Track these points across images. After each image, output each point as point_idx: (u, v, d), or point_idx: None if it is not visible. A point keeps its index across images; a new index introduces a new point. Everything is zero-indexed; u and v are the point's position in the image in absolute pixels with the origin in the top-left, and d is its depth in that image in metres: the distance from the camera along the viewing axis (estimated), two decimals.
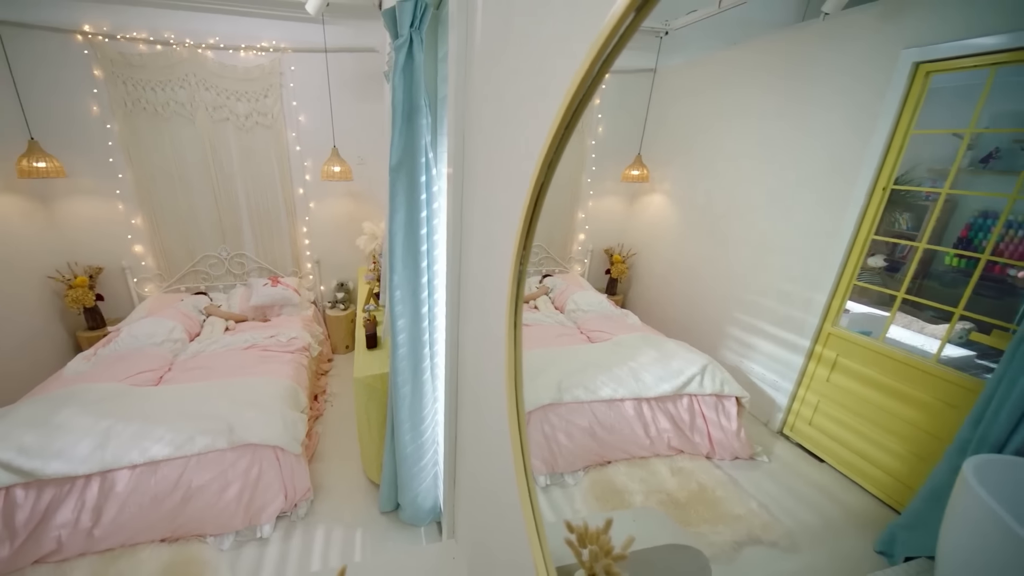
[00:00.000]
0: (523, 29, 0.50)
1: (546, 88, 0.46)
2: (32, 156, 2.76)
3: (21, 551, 1.80)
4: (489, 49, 0.61)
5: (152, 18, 2.98)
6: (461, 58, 0.73)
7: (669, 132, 1.21)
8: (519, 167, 0.52)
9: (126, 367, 2.56)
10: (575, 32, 0.41)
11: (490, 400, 0.71)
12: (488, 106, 0.63)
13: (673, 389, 1.08)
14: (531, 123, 0.49)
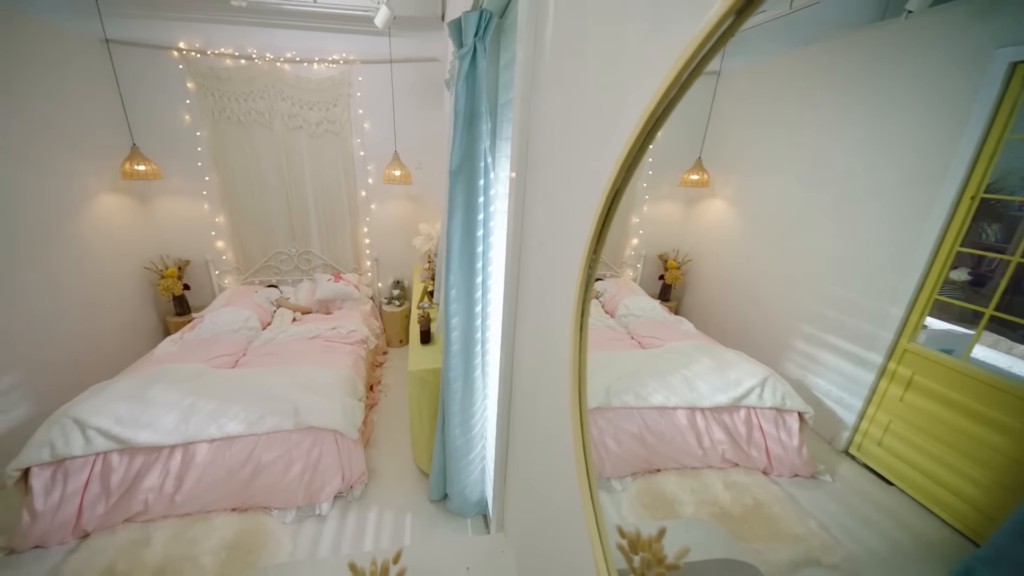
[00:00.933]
0: (601, 36, 0.51)
1: (625, 94, 0.46)
2: (134, 160, 3.11)
3: (114, 509, 2.02)
4: (560, 56, 0.62)
5: (238, 35, 3.26)
6: (528, 65, 0.75)
7: (733, 136, 1.17)
8: (590, 172, 0.53)
9: (207, 350, 2.81)
10: (660, 40, 0.41)
11: (549, 401, 0.72)
12: (557, 112, 0.64)
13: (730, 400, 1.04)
14: (608, 129, 0.49)
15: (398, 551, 0.84)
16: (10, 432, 2.35)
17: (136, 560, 1.85)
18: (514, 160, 0.83)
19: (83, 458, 1.98)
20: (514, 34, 1.17)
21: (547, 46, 0.68)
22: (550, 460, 0.72)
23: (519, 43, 0.77)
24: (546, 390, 0.73)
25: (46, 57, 2.66)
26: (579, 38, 0.56)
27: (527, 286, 0.84)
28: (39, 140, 2.61)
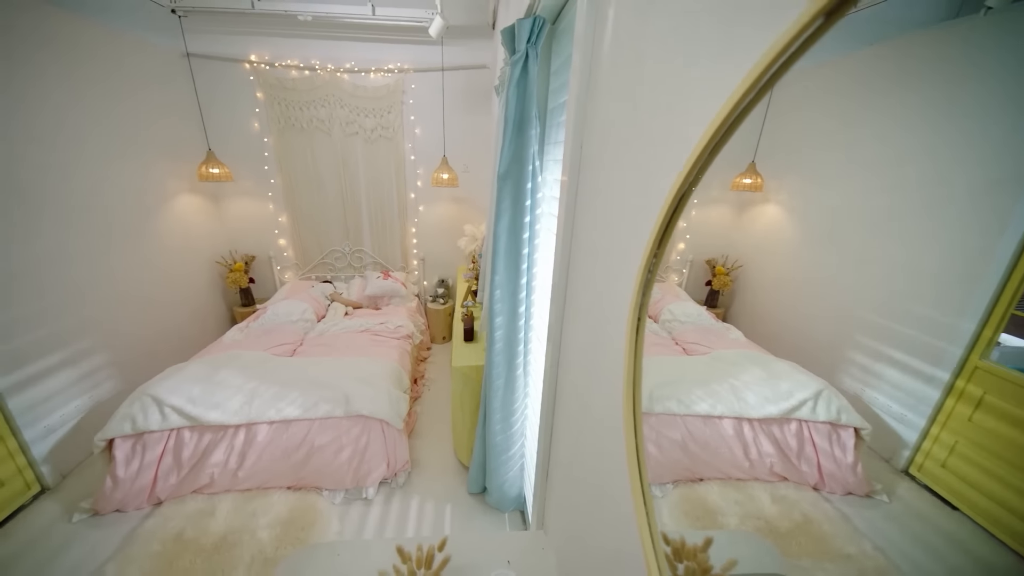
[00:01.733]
0: (666, 37, 0.51)
1: (696, 94, 0.46)
2: (209, 163, 3.38)
3: (184, 481, 2.20)
4: (619, 59, 0.63)
5: (303, 48, 3.47)
6: (585, 69, 0.75)
7: (789, 139, 1.11)
8: (651, 174, 0.53)
9: (269, 339, 3.01)
10: (730, 47, 0.41)
11: (598, 404, 0.73)
12: (615, 114, 0.64)
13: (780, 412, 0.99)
14: (674, 131, 0.49)
15: (443, 539, 0.88)
16: (98, 406, 2.62)
17: (202, 528, 2.02)
18: (566, 163, 0.84)
19: (159, 432, 2.18)
20: (567, 39, 1.18)
21: (605, 49, 0.68)
22: (598, 463, 0.73)
23: (576, 48, 0.77)
24: (596, 393, 0.74)
25: (136, 69, 2.95)
26: (641, 40, 0.56)
27: (577, 287, 0.85)
28: (128, 144, 2.90)
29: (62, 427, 2.39)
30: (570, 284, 0.89)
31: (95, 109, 2.62)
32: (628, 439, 0.53)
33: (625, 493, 0.64)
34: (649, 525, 0.52)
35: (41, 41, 2.28)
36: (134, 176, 2.95)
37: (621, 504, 0.64)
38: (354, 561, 0.96)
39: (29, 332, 2.21)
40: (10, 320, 2.12)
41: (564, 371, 0.95)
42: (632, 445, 0.52)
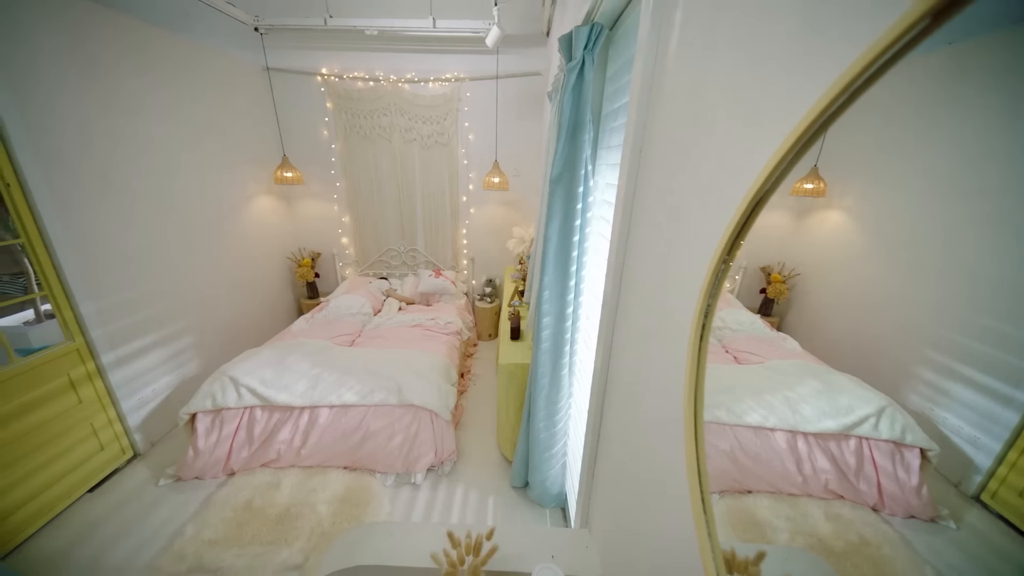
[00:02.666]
0: (736, 46, 0.51)
1: (768, 102, 0.46)
2: (284, 168, 3.66)
3: (255, 455, 2.39)
4: (684, 65, 0.62)
5: (369, 60, 3.66)
6: (648, 73, 0.74)
7: (856, 142, 1.04)
8: (716, 180, 0.53)
9: (331, 329, 3.20)
10: (810, 52, 0.40)
11: (650, 410, 0.72)
12: (678, 120, 0.64)
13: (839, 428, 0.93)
14: (743, 138, 0.49)
15: (491, 528, 0.91)
16: (183, 383, 2.91)
17: (268, 499, 2.19)
18: (623, 167, 0.84)
19: (235, 409, 2.39)
20: (626, 44, 1.18)
21: (670, 54, 0.67)
22: (650, 470, 0.72)
23: (638, 52, 0.77)
24: (648, 398, 0.74)
25: (223, 82, 3.25)
26: (710, 44, 0.56)
27: (630, 291, 0.84)
28: (214, 150, 3.20)
29: (153, 400, 2.68)
30: (623, 288, 0.89)
31: (186, 118, 2.91)
32: (688, 448, 0.52)
33: (679, 502, 0.63)
34: (709, 535, 0.51)
35: (139, 57, 2.57)
36: (220, 179, 3.25)
37: (675, 512, 0.64)
38: (406, 542, 1.02)
39: (129, 316, 2.50)
40: (113, 305, 2.40)
41: (614, 375, 0.95)
42: (692, 455, 0.52)
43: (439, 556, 0.90)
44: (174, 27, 2.83)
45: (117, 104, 2.40)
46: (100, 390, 2.36)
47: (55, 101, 2.07)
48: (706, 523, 0.51)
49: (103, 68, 2.31)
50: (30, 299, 2.18)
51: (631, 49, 1.10)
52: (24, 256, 2.08)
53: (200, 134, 3.03)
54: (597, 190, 1.47)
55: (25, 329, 2.14)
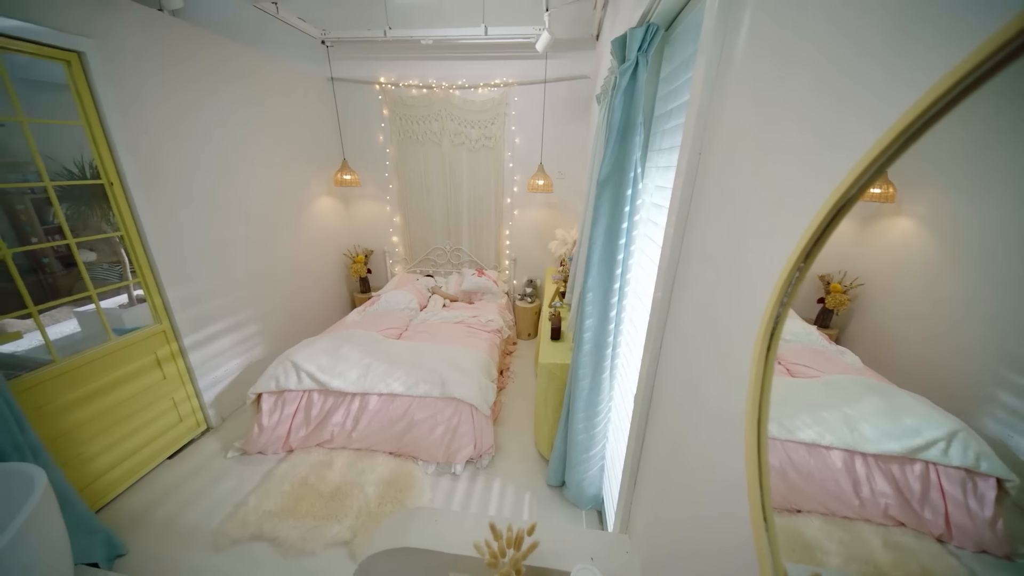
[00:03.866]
0: (817, 45, 0.48)
1: (851, 103, 0.43)
2: (343, 171, 3.83)
3: (311, 435, 2.52)
4: (754, 63, 0.59)
5: (423, 68, 3.76)
6: (710, 74, 0.70)
7: (931, 144, 0.95)
8: (793, 184, 0.50)
9: (381, 322, 3.32)
10: (902, 52, 0.37)
11: (706, 421, 0.70)
12: (746, 122, 0.60)
13: (903, 450, 0.85)
14: (819, 142, 0.46)
15: (533, 524, 0.91)
16: (251, 365, 3.12)
17: (321, 477, 2.30)
18: (680, 169, 0.80)
19: (295, 392, 2.53)
20: (682, 44, 1.13)
21: (738, 51, 0.64)
22: (703, 482, 0.69)
23: (701, 50, 0.73)
24: (703, 409, 0.70)
25: (292, 91, 3.45)
26: (786, 41, 0.53)
27: (684, 296, 0.81)
28: (283, 154, 3.39)
29: (224, 380, 2.89)
30: (675, 293, 0.85)
31: (259, 125, 3.10)
32: (750, 465, 0.50)
33: (735, 521, 0.61)
34: (773, 560, 0.48)
35: (221, 69, 2.76)
36: (287, 181, 3.45)
37: (730, 530, 0.61)
38: (450, 529, 1.04)
39: (206, 303, 2.71)
40: (194, 292, 2.61)
41: (662, 383, 0.91)
42: (754, 472, 0.49)
43: (482, 546, 0.91)
44: (252, 42, 3.04)
45: (201, 112, 2.60)
46: (181, 368, 2.58)
47: (149, 108, 2.28)
48: (769, 545, 0.48)
49: (190, 79, 2.52)
50: (125, 285, 2.41)
51: (689, 49, 1.05)
52: (121, 247, 2.31)
53: (271, 139, 3.23)
54: (646, 193, 1.42)
55: (120, 312, 2.38)
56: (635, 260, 1.53)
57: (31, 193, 2.45)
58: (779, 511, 1.03)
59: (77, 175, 2.18)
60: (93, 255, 2.65)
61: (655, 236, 1.27)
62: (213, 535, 1.98)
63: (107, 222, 2.31)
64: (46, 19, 1.80)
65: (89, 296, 2.11)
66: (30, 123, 1.83)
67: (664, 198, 1.22)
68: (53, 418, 1.93)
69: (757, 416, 0.50)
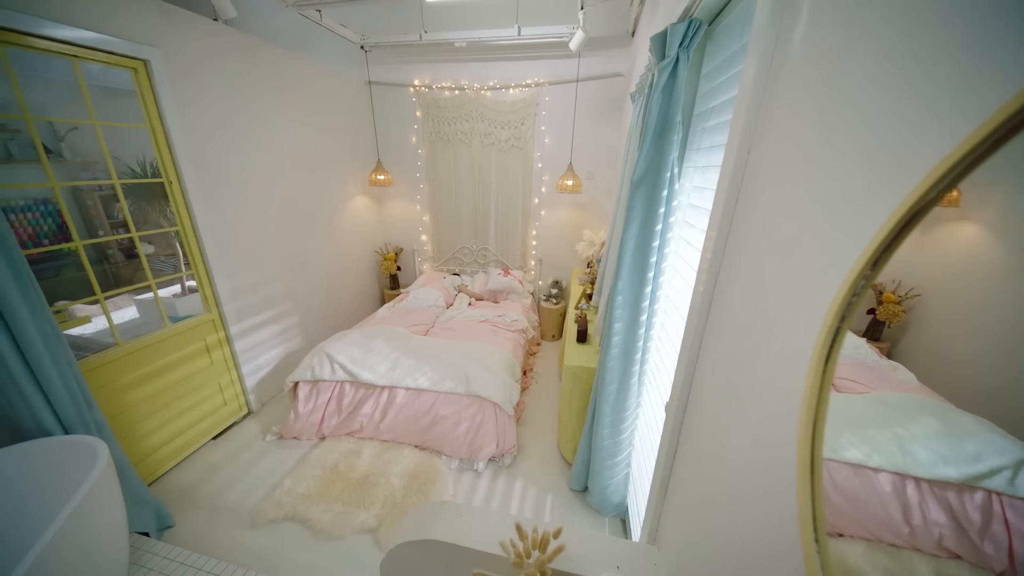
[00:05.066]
0: (885, 39, 0.43)
1: (931, 92, 0.39)
2: (377, 171, 3.90)
3: (342, 424, 2.58)
4: (814, 58, 0.55)
5: (456, 70, 3.77)
6: (761, 70, 0.65)
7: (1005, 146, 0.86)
8: (857, 184, 0.46)
9: (409, 318, 3.36)
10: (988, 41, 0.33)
11: (747, 437, 0.65)
12: (802, 120, 0.56)
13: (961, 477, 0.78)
14: (899, 135, 0.42)
15: (559, 528, 0.88)
16: (289, 355, 3.23)
17: (351, 465, 2.35)
18: (725, 169, 0.75)
19: (329, 382, 2.60)
20: (727, 39, 1.06)
21: (794, 45, 0.59)
22: (742, 500, 0.65)
23: (752, 45, 0.67)
24: (745, 424, 0.66)
25: (332, 95, 3.54)
26: (852, 33, 0.48)
27: (726, 302, 0.75)
28: (323, 155, 3.49)
29: (265, 368, 3.01)
30: (715, 298, 0.80)
31: (300, 126, 3.20)
32: (801, 489, 0.46)
33: (777, 542, 0.56)
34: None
35: (267, 74, 2.86)
36: (324, 180, 3.54)
37: (773, 554, 0.57)
38: (475, 525, 1.03)
39: (250, 295, 2.82)
40: (240, 285, 2.72)
41: (698, 393, 0.86)
42: (806, 495, 0.45)
43: (507, 545, 0.90)
44: (297, 48, 3.13)
45: (249, 115, 2.71)
46: (227, 355, 2.69)
47: (204, 112, 2.39)
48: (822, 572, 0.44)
49: (241, 84, 2.62)
50: (179, 276, 2.54)
51: (734, 44, 0.99)
52: (177, 241, 2.44)
53: (312, 141, 3.33)
54: (682, 194, 1.36)
55: (174, 300, 2.51)
56: (669, 263, 1.46)
57: (99, 190, 2.62)
58: None
59: (139, 174, 2.32)
60: (151, 248, 2.81)
61: (692, 239, 1.21)
62: (251, 513, 2.06)
63: (164, 217, 2.44)
64: (117, 30, 1.92)
65: (148, 285, 2.23)
66: (102, 126, 1.95)
67: (702, 199, 1.16)
68: (114, 397, 2.06)
69: (811, 435, 0.46)
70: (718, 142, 1.08)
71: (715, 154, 1.10)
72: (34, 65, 1.78)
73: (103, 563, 1.45)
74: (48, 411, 1.56)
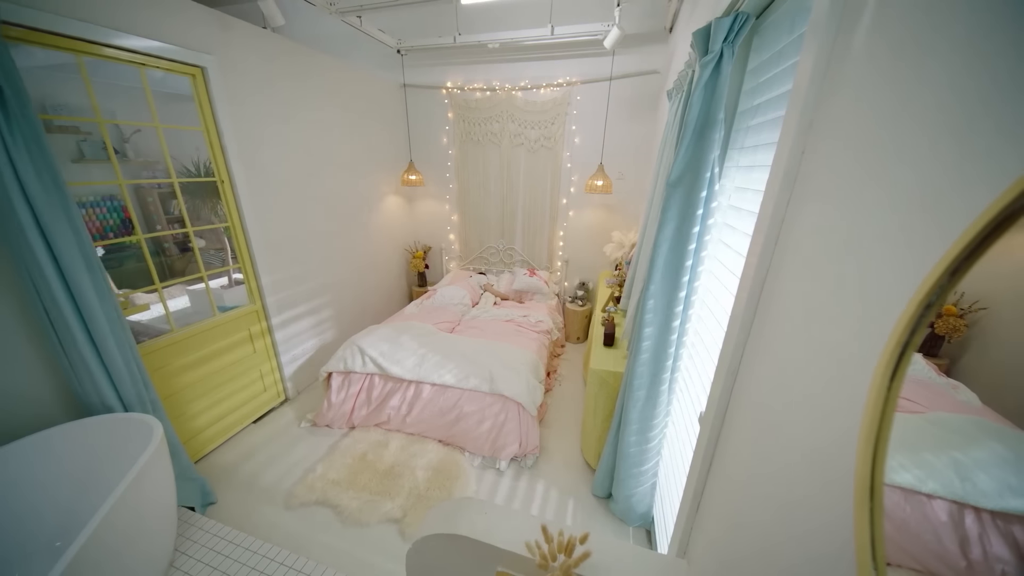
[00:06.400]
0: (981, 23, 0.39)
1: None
2: (410, 171, 3.96)
3: (371, 415, 2.64)
4: (883, 49, 0.50)
5: (488, 71, 3.77)
6: (820, 64, 0.60)
7: None
8: (933, 187, 0.42)
9: (436, 315, 3.40)
10: None
11: (796, 456, 0.61)
12: (870, 115, 0.52)
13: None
14: (982, 131, 0.38)
15: (586, 533, 0.86)
16: (323, 346, 3.33)
17: (378, 455, 2.40)
18: (776, 169, 0.69)
19: (360, 374, 2.66)
20: (777, 33, 1.00)
21: (859, 36, 0.55)
22: (785, 517, 0.61)
23: (810, 37, 0.63)
24: (793, 442, 0.62)
25: (369, 98, 3.61)
26: (928, 18, 0.44)
27: (773, 311, 0.70)
28: (360, 155, 3.57)
29: (301, 358, 3.12)
30: (761, 307, 0.75)
31: (340, 129, 3.28)
32: (859, 517, 0.42)
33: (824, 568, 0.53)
34: None
35: (310, 79, 2.94)
36: (360, 181, 3.63)
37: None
38: (499, 524, 1.02)
39: (289, 288, 2.92)
40: (281, 279, 2.83)
41: (737, 406, 0.80)
42: (864, 524, 0.41)
43: (533, 546, 0.89)
44: (338, 53, 3.22)
45: (294, 118, 2.81)
46: (268, 344, 2.81)
47: (253, 116, 2.49)
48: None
49: (287, 89, 2.72)
50: (227, 270, 2.67)
51: (785, 38, 0.93)
52: (226, 236, 2.55)
53: (350, 143, 3.42)
54: (723, 195, 1.29)
55: (221, 291, 2.63)
56: (706, 267, 1.39)
57: (158, 188, 2.78)
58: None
59: (194, 173, 2.44)
60: (203, 242, 2.96)
61: (732, 242, 1.15)
62: (285, 495, 2.14)
63: (215, 214, 2.56)
64: (178, 39, 2.02)
65: (200, 277, 2.35)
66: (163, 128, 2.07)
67: (745, 200, 1.10)
68: (167, 379, 2.18)
69: (871, 458, 0.42)
70: (764, 140, 1.02)
71: (760, 153, 1.04)
72: (106, 73, 1.90)
73: (154, 533, 1.54)
74: (111, 390, 1.67)
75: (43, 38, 1.57)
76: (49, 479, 1.53)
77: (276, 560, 1.75)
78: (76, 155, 2.39)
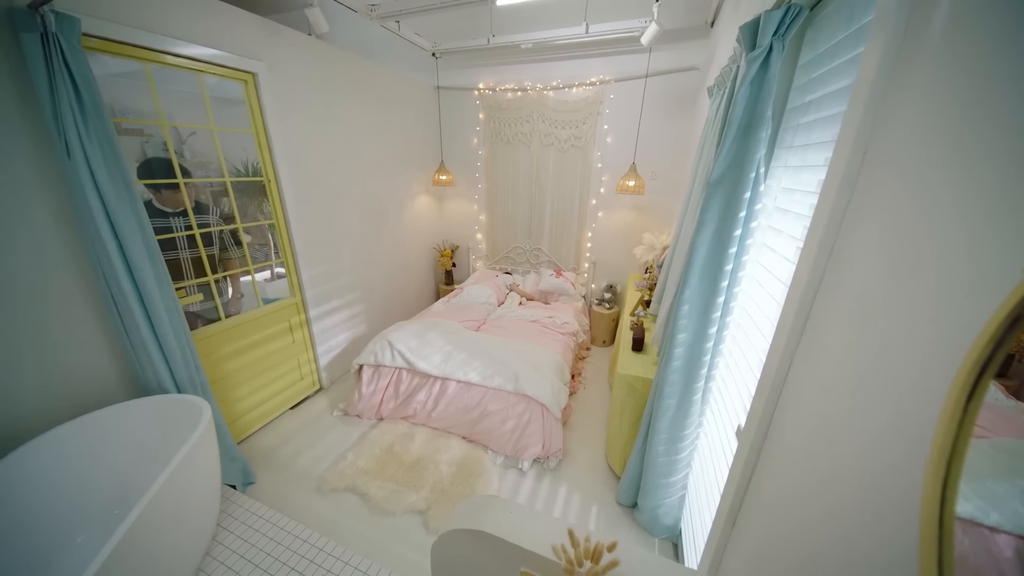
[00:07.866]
0: None
1: None
2: (440, 172, 3.99)
3: (399, 408, 2.67)
4: (961, 38, 0.45)
5: (519, 72, 3.73)
6: (888, 56, 0.55)
7: None
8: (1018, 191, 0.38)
9: (462, 313, 3.40)
10: None
11: (847, 473, 0.56)
12: (946, 113, 0.47)
13: None
14: None
15: (614, 541, 0.83)
16: (355, 340, 3.41)
17: (404, 447, 2.43)
18: (834, 169, 0.62)
19: (389, 368, 2.70)
20: (831, 25, 0.93)
21: (934, 27, 0.50)
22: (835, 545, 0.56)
23: (876, 33, 0.58)
24: (843, 460, 0.57)
25: (404, 101, 3.65)
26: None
27: (827, 322, 0.64)
28: (394, 156, 3.63)
29: (335, 350, 3.20)
30: (813, 316, 0.69)
31: (375, 130, 3.34)
32: (925, 552, 0.38)
33: None
34: None
35: (349, 82, 3.00)
36: (393, 180, 3.68)
37: None
38: (524, 524, 1.00)
39: (326, 283, 3.01)
40: (319, 274, 2.91)
41: (782, 422, 0.74)
42: (930, 560, 0.38)
43: (559, 550, 0.87)
44: (376, 58, 3.28)
45: (335, 120, 2.88)
46: (305, 336, 2.91)
47: (298, 119, 2.57)
48: None
49: (329, 93, 2.79)
50: (269, 264, 2.78)
51: (842, 31, 0.85)
52: (270, 233, 2.66)
53: (386, 144, 3.48)
54: (768, 196, 1.21)
55: (265, 284, 2.75)
56: (747, 273, 1.31)
57: (210, 187, 2.92)
58: None
59: (243, 173, 2.56)
60: (249, 237, 3.09)
61: (778, 246, 1.08)
62: (318, 480, 2.20)
63: (260, 212, 2.67)
64: (231, 46, 2.12)
65: (247, 270, 2.46)
66: (217, 131, 2.17)
67: (793, 202, 1.03)
68: (215, 365, 2.29)
69: (940, 488, 0.38)
70: (816, 139, 0.94)
71: (812, 153, 0.96)
72: (166, 79, 2.02)
73: (202, 506, 1.62)
74: (167, 373, 1.77)
75: (117, 48, 1.67)
76: (109, 451, 1.64)
77: (308, 541, 1.81)
78: (140, 155, 2.55)
